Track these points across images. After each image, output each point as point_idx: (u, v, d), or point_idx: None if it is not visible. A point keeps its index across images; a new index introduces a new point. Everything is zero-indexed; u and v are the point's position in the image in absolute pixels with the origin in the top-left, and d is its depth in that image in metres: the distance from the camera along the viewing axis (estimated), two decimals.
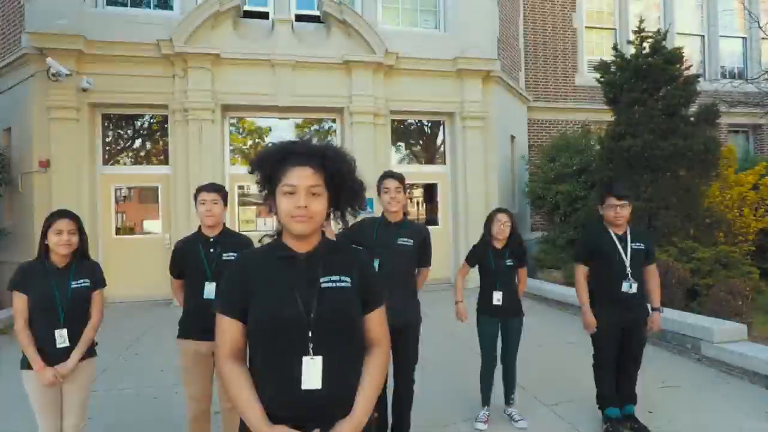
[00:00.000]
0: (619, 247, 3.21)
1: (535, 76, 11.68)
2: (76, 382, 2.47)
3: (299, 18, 8.57)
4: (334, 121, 9.04)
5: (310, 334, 1.30)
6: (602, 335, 3.26)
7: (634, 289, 3.16)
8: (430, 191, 9.59)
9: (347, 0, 8.68)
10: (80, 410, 2.51)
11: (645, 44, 7.23)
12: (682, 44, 9.15)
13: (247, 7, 8.34)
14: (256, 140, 8.95)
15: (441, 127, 9.58)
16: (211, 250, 2.71)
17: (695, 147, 6.56)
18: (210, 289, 2.64)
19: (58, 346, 2.40)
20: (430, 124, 9.72)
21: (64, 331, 2.41)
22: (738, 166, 8.36)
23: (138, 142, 8.58)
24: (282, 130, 8.85)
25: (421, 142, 9.95)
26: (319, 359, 1.29)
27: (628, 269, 3.17)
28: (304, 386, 1.28)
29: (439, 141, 9.70)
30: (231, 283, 1.38)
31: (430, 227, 3.73)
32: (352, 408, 1.32)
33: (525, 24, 11.60)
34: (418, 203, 9.75)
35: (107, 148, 8.28)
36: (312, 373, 1.28)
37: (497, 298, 3.36)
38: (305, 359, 1.29)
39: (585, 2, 12.04)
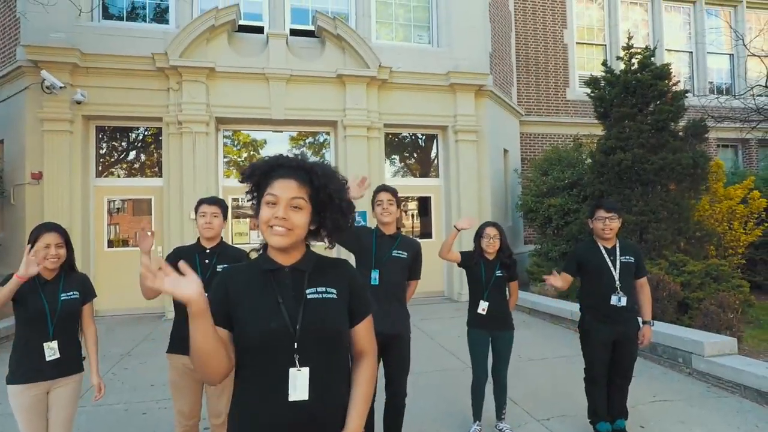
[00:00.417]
0: (608, 260, 3.24)
1: (527, 91, 11.83)
2: (63, 397, 2.45)
3: (294, 32, 8.67)
4: (328, 134, 9.10)
5: (296, 346, 1.30)
6: (593, 349, 3.28)
7: (624, 302, 3.18)
8: (424, 204, 9.64)
9: (342, 15, 8.81)
10: (66, 426, 2.48)
11: (634, 60, 7.35)
12: (670, 60, 9.35)
13: (242, 22, 8.42)
14: (251, 153, 8.98)
15: (434, 141, 9.66)
16: (206, 260, 2.73)
17: (684, 161, 6.64)
18: None
19: (48, 358, 2.38)
20: (423, 138, 9.79)
21: (54, 344, 2.39)
22: (727, 180, 8.47)
23: (132, 155, 8.58)
24: (276, 143, 8.89)
25: (415, 155, 10.01)
26: (305, 370, 1.29)
27: (617, 282, 3.19)
28: (291, 398, 1.28)
29: (432, 154, 9.77)
30: (216, 294, 1.37)
31: (424, 240, 3.78)
32: (345, 422, 1.33)
33: (517, 39, 11.79)
34: (412, 216, 9.77)
35: (101, 160, 8.28)
36: (298, 384, 1.29)
37: (482, 307, 3.38)
38: (292, 371, 1.29)
39: (576, 18, 12.27)
